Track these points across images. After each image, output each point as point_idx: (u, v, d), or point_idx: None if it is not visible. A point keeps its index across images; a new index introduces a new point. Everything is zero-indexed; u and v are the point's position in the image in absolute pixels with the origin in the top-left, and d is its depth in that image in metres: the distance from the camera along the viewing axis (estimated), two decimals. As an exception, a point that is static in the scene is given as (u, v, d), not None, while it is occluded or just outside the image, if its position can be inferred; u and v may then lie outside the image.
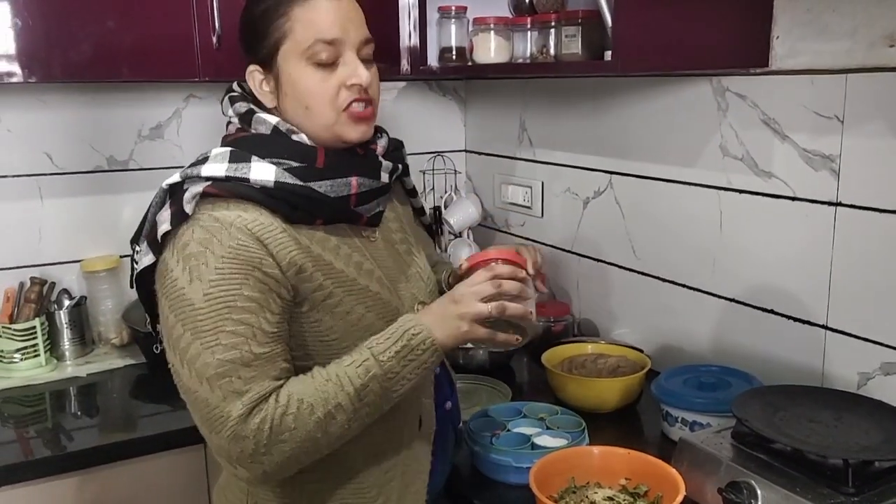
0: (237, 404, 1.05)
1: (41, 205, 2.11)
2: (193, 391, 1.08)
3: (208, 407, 1.07)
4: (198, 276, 1.07)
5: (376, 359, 1.11)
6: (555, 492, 1.25)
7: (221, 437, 1.06)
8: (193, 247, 1.09)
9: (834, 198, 1.46)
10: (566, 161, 2.13)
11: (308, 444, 1.08)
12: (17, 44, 1.70)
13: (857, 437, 1.20)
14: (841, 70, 1.42)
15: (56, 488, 1.61)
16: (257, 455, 1.06)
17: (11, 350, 1.97)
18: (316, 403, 1.08)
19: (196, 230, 1.10)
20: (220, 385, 1.06)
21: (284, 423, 1.06)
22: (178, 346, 1.08)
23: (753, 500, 1.14)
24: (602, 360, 1.75)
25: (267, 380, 1.08)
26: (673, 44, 1.47)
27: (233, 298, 1.07)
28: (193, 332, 1.07)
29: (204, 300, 1.07)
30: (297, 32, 1.15)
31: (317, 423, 1.08)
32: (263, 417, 1.06)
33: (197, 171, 1.14)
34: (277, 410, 1.06)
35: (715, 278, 1.73)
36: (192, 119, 2.23)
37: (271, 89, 1.20)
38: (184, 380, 1.09)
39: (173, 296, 1.09)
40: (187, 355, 1.07)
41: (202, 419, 1.08)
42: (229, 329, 1.06)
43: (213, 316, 1.06)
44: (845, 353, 1.48)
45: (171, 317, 1.09)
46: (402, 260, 1.30)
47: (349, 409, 1.09)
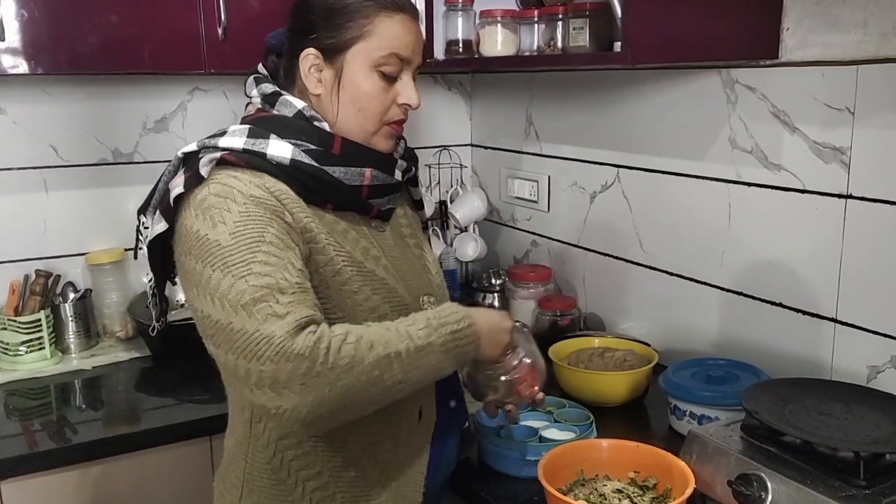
0: (279, 324, 0.99)
1: (46, 197, 2.11)
2: (227, 325, 1.01)
3: (245, 335, 0.99)
4: (221, 220, 1.06)
5: (435, 329, 1.09)
6: (563, 484, 1.24)
7: (267, 360, 0.97)
8: (212, 199, 1.08)
9: (844, 190, 1.46)
10: (573, 155, 2.13)
11: (363, 383, 1.01)
12: (22, 36, 1.69)
13: (867, 429, 1.19)
14: (852, 61, 1.41)
15: (61, 480, 1.61)
16: (310, 375, 0.98)
17: (17, 343, 1.96)
18: (376, 343, 1.03)
19: (212, 187, 1.10)
20: (258, 310, 1.00)
21: (344, 349, 1.00)
22: (208, 287, 1.03)
23: (764, 493, 1.14)
24: (609, 354, 1.75)
25: (306, 308, 1.03)
26: (682, 35, 1.46)
27: (260, 234, 1.05)
28: (224, 268, 1.03)
29: (231, 238, 1.05)
30: (375, 38, 1.18)
31: (376, 361, 1.02)
32: (320, 337, 1.00)
33: (214, 142, 1.15)
34: (336, 337, 1.01)
35: (723, 272, 1.73)
36: (197, 112, 2.23)
37: (321, 78, 1.21)
38: (215, 317, 1.02)
39: (197, 246, 1.06)
40: (218, 290, 1.02)
41: (241, 351, 0.99)
42: (260, 259, 1.03)
43: (243, 250, 1.04)
44: (854, 346, 1.47)
45: (198, 265, 1.05)
46: (410, 253, 1.31)
47: (405, 362, 1.05)
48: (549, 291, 2.15)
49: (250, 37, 1.72)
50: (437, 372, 1.11)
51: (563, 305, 2.05)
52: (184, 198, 1.12)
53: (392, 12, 1.19)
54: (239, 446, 1.23)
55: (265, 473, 1.19)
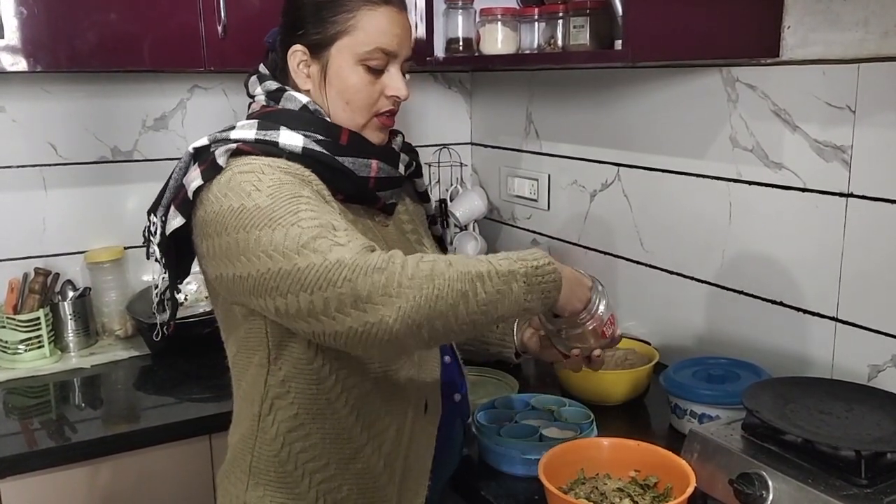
0: (345, 250, 0.98)
1: (45, 195, 2.11)
2: (291, 269, 0.98)
3: (314, 268, 0.97)
4: (254, 188, 1.06)
5: (517, 261, 1.05)
6: (564, 483, 1.24)
7: (342, 283, 0.95)
8: (239, 177, 1.09)
9: (845, 189, 1.45)
10: (573, 153, 2.12)
11: (447, 293, 0.98)
12: (22, 33, 1.69)
13: (868, 428, 1.19)
14: (853, 60, 1.41)
15: (60, 479, 1.60)
16: (391, 286, 0.96)
17: (16, 341, 1.96)
18: (455, 262, 1.01)
19: (235, 167, 1.11)
20: (319, 244, 0.99)
21: (422, 265, 0.99)
22: (259, 247, 1.01)
23: (765, 492, 1.13)
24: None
25: (363, 239, 1.02)
26: (683, 33, 1.46)
27: (297, 192, 1.07)
28: (270, 224, 1.02)
29: (270, 199, 1.04)
30: (360, 33, 1.19)
31: (458, 276, 0.99)
32: (392, 254, 0.99)
33: (225, 135, 1.16)
34: (411, 258, 0.99)
35: (724, 271, 1.72)
36: (196, 110, 2.22)
37: (309, 73, 1.22)
38: (274, 268, 1.00)
39: (234, 218, 1.05)
40: (272, 244, 1.01)
41: (311, 285, 0.97)
42: (305, 208, 1.04)
43: (285, 204, 1.04)
44: (855, 345, 1.47)
45: (240, 235, 1.04)
46: (412, 248, 1.31)
47: (489, 283, 1.01)
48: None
49: (250, 35, 1.71)
50: (523, 305, 1.05)
51: (563, 304, 2.05)
52: (203, 189, 1.12)
53: (376, 5, 1.19)
54: (245, 441, 1.23)
55: (272, 466, 1.19)
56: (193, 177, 1.13)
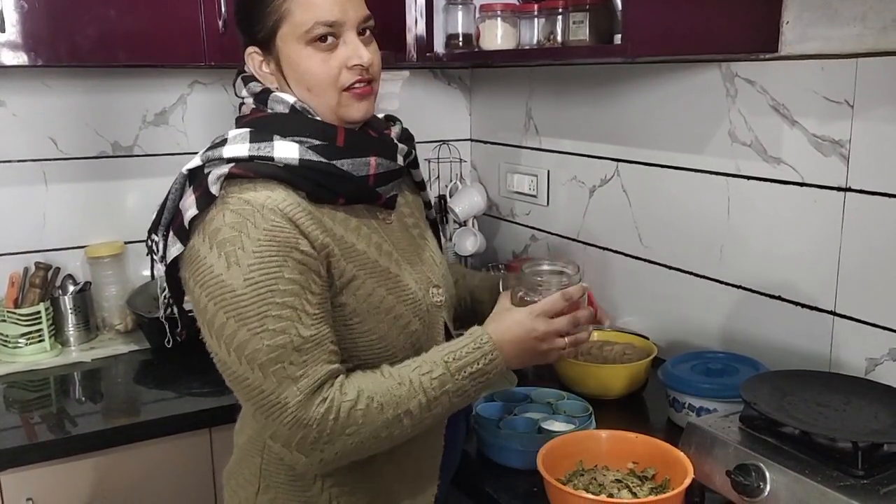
0: (293, 390, 1.04)
1: (46, 190, 2.11)
2: (244, 379, 1.06)
3: (263, 394, 1.05)
4: (235, 261, 1.05)
5: (452, 375, 1.11)
6: (563, 475, 1.25)
7: (280, 424, 1.05)
8: (226, 232, 1.06)
9: (843, 183, 1.46)
10: (572, 149, 2.13)
11: (371, 441, 1.08)
12: (22, 28, 1.69)
13: (866, 420, 1.19)
14: (851, 55, 1.42)
15: (60, 472, 1.61)
16: (319, 444, 1.05)
17: (16, 335, 1.97)
18: (386, 404, 1.08)
19: (227, 214, 1.08)
20: (274, 371, 1.04)
21: (352, 416, 1.06)
22: (223, 335, 1.06)
23: (762, 483, 1.14)
24: (608, 348, 1.75)
25: (320, 364, 1.07)
26: (683, 28, 1.46)
27: (274, 282, 1.05)
28: (238, 319, 1.04)
29: (245, 285, 1.04)
30: (295, 14, 1.14)
31: (384, 424, 1.08)
32: (329, 407, 1.05)
33: (218, 154, 1.12)
34: (345, 403, 1.06)
35: (722, 265, 1.73)
36: (196, 105, 2.23)
37: (271, 71, 1.19)
38: (232, 368, 1.06)
39: (211, 283, 1.06)
40: (234, 343, 1.05)
41: (257, 406, 1.06)
42: (274, 314, 1.05)
43: (257, 301, 1.04)
44: (853, 338, 1.48)
45: (211, 305, 1.06)
46: (416, 243, 1.30)
47: (417, 416, 1.10)
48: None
49: (250, 29, 1.71)
50: (457, 407, 1.15)
51: (562, 299, 2.05)
52: (197, 218, 1.10)
53: None
54: (253, 443, 1.22)
55: (282, 469, 1.19)
56: (189, 204, 1.11)
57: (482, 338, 1.15)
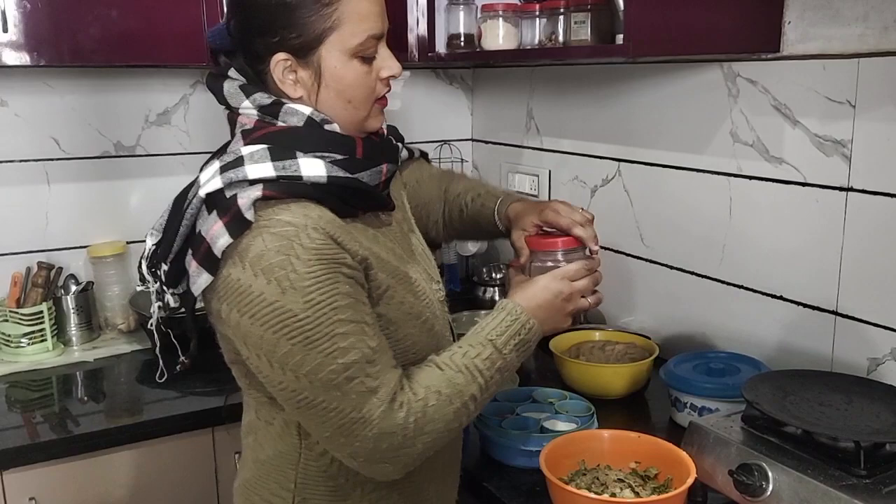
0: (374, 402, 1.03)
1: (48, 190, 2.11)
2: (318, 403, 1.02)
3: (341, 413, 1.02)
4: (290, 285, 1.00)
5: (500, 352, 1.12)
6: (565, 474, 1.25)
7: (364, 439, 1.03)
8: (272, 256, 1.00)
9: (845, 183, 1.46)
10: (574, 149, 2.13)
11: (445, 434, 1.09)
12: (24, 28, 1.69)
13: (868, 419, 1.20)
14: (853, 55, 1.42)
15: (62, 472, 1.61)
16: (403, 448, 1.05)
17: (18, 334, 1.97)
18: (453, 395, 1.08)
19: (267, 238, 1.01)
20: (352, 388, 1.02)
21: (428, 415, 1.06)
22: (289, 363, 1.01)
23: (765, 482, 1.14)
24: (610, 347, 1.75)
25: (389, 370, 1.06)
26: (684, 28, 1.46)
27: (334, 299, 1.02)
28: (305, 344, 1.01)
29: (306, 308, 1.00)
30: (347, 26, 1.08)
31: (455, 414, 1.09)
32: (408, 411, 1.05)
33: (242, 174, 1.04)
34: (418, 403, 1.06)
35: (724, 265, 1.73)
36: (199, 105, 2.23)
37: (297, 79, 1.11)
38: (304, 394, 1.02)
39: (265, 312, 1.01)
40: (304, 369, 1.01)
41: (336, 427, 1.03)
42: (342, 331, 1.02)
43: (323, 321, 1.01)
44: (855, 338, 1.48)
45: (269, 334, 1.01)
46: (408, 240, 1.28)
47: (479, 400, 1.11)
48: (549, 285, 2.15)
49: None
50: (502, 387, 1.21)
51: (563, 299, 2.05)
52: (230, 246, 1.03)
53: None
54: (284, 457, 1.19)
55: (321, 481, 1.17)
56: (217, 231, 1.03)
57: (516, 309, 1.16)
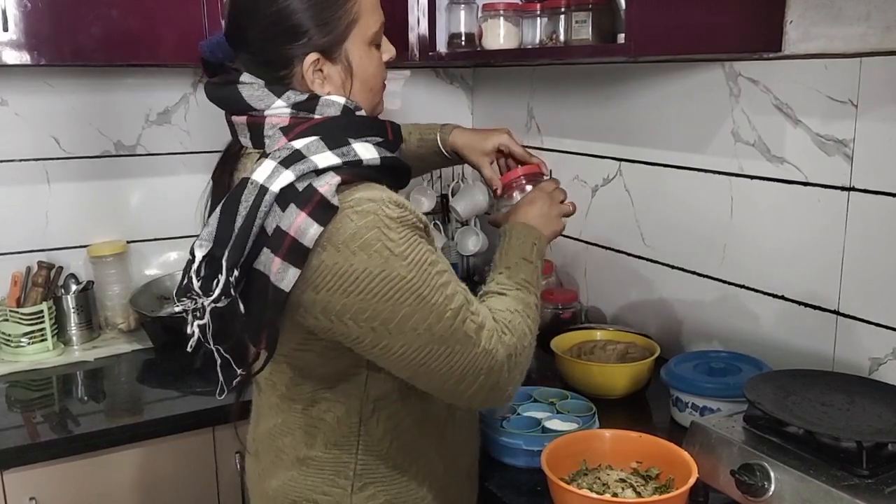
0: (485, 334, 1.09)
1: (48, 189, 2.11)
2: (443, 353, 1.07)
3: (465, 355, 1.07)
4: (389, 253, 1.04)
5: (533, 263, 1.25)
6: (566, 474, 1.24)
7: (491, 371, 1.09)
8: (364, 232, 1.03)
9: (847, 183, 1.46)
10: (574, 148, 2.13)
11: (532, 344, 1.17)
12: (25, 27, 1.69)
13: (870, 419, 1.19)
14: (855, 54, 1.42)
15: (63, 471, 1.61)
16: (517, 367, 1.13)
17: (19, 334, 1.97)
18: (525, 309, 1.18)
19: (354, 217, 1.04)
20: (466, 329, 1.07)
21: (520, 330, 1.14)
22: (408, 324, 1.05)
23: (767, 482, 1.14)
24: (611, 347, 1.75)
25: (480, 306, 1.13)
26: (686, 28, 1.46)
27: (426, 256, 1.07)
28: (418, 302, 1.05)
29: (409, 269, 1.04)
30: (364, 17, 1.15)
31: (533, 323, 1.18)
32: (511, 333, 1.13)
33: (310, 165, 1.05)
34: (510, 324, 1.13)
35: (725, 265, 1.73)
36: (199, 105, 2.22)
37: (324, 77, 1.14)
38: (428, 349, 1.06)
39: (373, 285, 1.03)
40: (423, 324, 1.05)
41: (461, 372, 1.08)
42: (442, 281, 1.07)
43: (426, 277, 1.06)
44: (856, 338, 1.48)
45: (381, 304, 1.04)
46: None
47: (539, 306, 1.23)
48: (550, 285, 2.15)
49: (253, 28, 1.71)
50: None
51: (564, 298, 2.05)
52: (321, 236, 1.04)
53: None
54: (340, 448, 1.21)
55: (381, 463, 1.21)
56: (303, 223, 1.02)
57: (522, 226, 1.29)
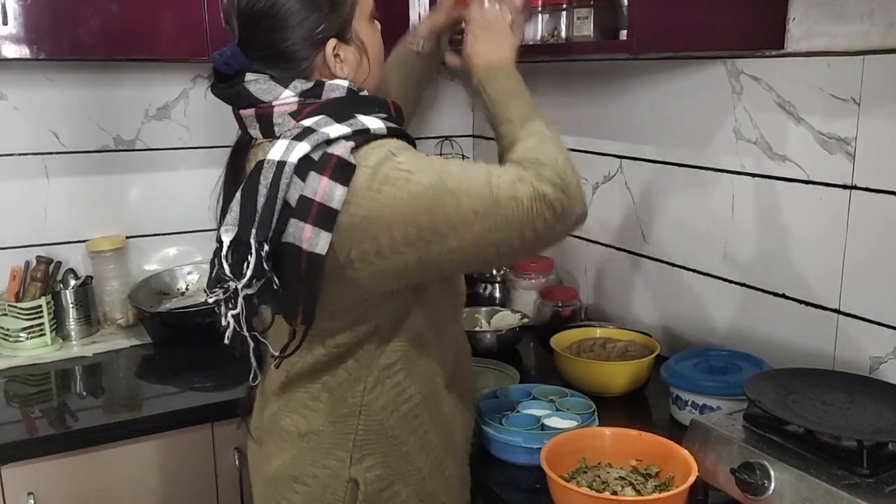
0: (522, 187, 1.07)
1: (47, 184, 2.11)
2: (495, 228, 1.05)
3: (519, 213, 1.06)
4: (408, 174, 1.06)
5: (516, 92, 1.28)
6: (566, 472, 1.24)
7: (552, 208, 1.07)
8: (381, 172, 1.07)
9: (849, 181, 1.45)
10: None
11: (564, 154, 1.16)
12: (24, 21, 1.69)
13: (870, 418, 1.19)
14: (858, 52, 1.41)
15: (61, 466, 1.61)
16: (569, 187, 1.11)
17: (17, 329, 1.96)
18: (537, 143, 1.17)
19: (365, 166, 1.07)
20: (505, 194, 1.05)
21: (549, 155, 1.13)
22: (455, 223, 1.05)
23: (767, 481, 1.13)
24: (611, 345, 1.75)
25: (497, 166, 1.13)
26: (688, 25, 1.46)
27: (433, 159, 1.10)
28: (451, 196, 1.05)
29: (431, 173, 1.06)
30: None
31: (553, 140, 1.19)
32: (544, 165, 1.11)
33: (322, 136, 1.08)
34: (537, 158, 1.12)
35: (726, 263, 1.72)
36: (199, 100, 2.22)
37: (343, 59, 1.18)
38: (483, 223, 1.05)
39: (404, 208, 1.05)
40: (469, 213, 1.05)
41: (523, 227, 1.06)
42: (460, 167, 1.09)
43: (446, 174, 1.07)
44: (857, 337, 1.47)
45: (423, 220, 1.05)
46: None
47: (546, 121, 1.24)
48: (550, 282, 2.15)
49: (254, 23, 1.71)
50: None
51: (564, 296, 2.05)
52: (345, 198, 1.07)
53: None
54: (341, 420, 1.22)
55: (382, 434, 1.22)
56: (327, 187, 1.05)
57: (486, 73, 1.30)
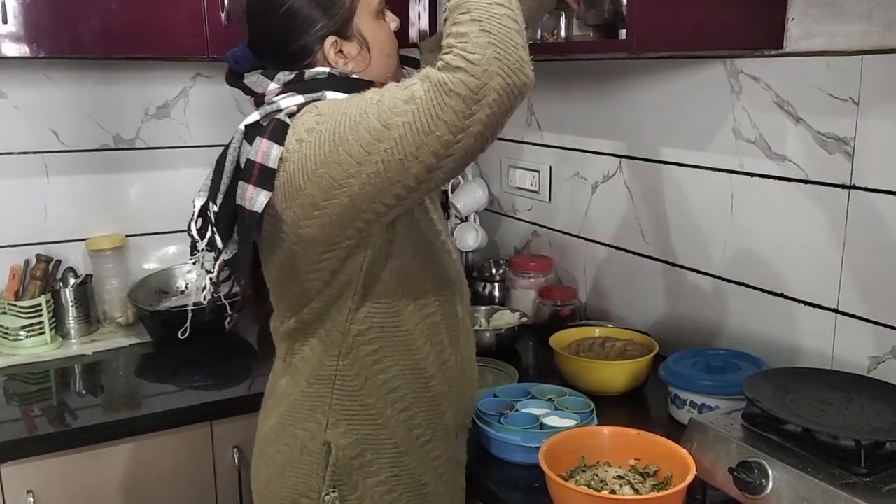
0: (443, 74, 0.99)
1: (47, 182, 2.11)
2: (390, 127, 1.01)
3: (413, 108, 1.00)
4: (319, 113, 1.09)
5: None
6: (564, 470, 1.24)
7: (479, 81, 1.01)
8: (301, 121, 1.10)
9: (848, 181, 1.45)
10: (575, 145, 2.12)
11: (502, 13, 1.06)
12: (25, 19, 1.69)
13: (868, 418, 1.19)
14: (856, 52, 1.41)
15: (60, 465, 1.61)
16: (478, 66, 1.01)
17: (17, 327, 1.97)
18: (466, 16, 1.03)
19: (303, 118, 1.11)
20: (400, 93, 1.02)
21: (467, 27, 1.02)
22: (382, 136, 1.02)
23: (764, 480, 1.14)
24: (610, 344, 1.75)
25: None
26: (687, 24, 1.46)
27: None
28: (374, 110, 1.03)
29: (350, 103, 1.07)
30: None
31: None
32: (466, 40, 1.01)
33: (276, 107, 1.14)
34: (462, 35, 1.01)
35: (725, 263, 1.73)
36: (199, 98, 2.23)
37: (345, 54, 1.21)
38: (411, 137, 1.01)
39: (327, 145, 1.06)
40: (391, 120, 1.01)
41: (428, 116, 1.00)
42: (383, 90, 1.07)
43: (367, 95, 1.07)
44: (856, 337, 1.48)
45: (326, 155, 1.05)
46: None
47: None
48: (549, 281, 2.15)
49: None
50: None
51: (563, 295, 2.05)
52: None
53: None
54: (321, 383, 1.23)
55: (355, 401, 1.23)
56: (266, 147, 1.10)
57: None
